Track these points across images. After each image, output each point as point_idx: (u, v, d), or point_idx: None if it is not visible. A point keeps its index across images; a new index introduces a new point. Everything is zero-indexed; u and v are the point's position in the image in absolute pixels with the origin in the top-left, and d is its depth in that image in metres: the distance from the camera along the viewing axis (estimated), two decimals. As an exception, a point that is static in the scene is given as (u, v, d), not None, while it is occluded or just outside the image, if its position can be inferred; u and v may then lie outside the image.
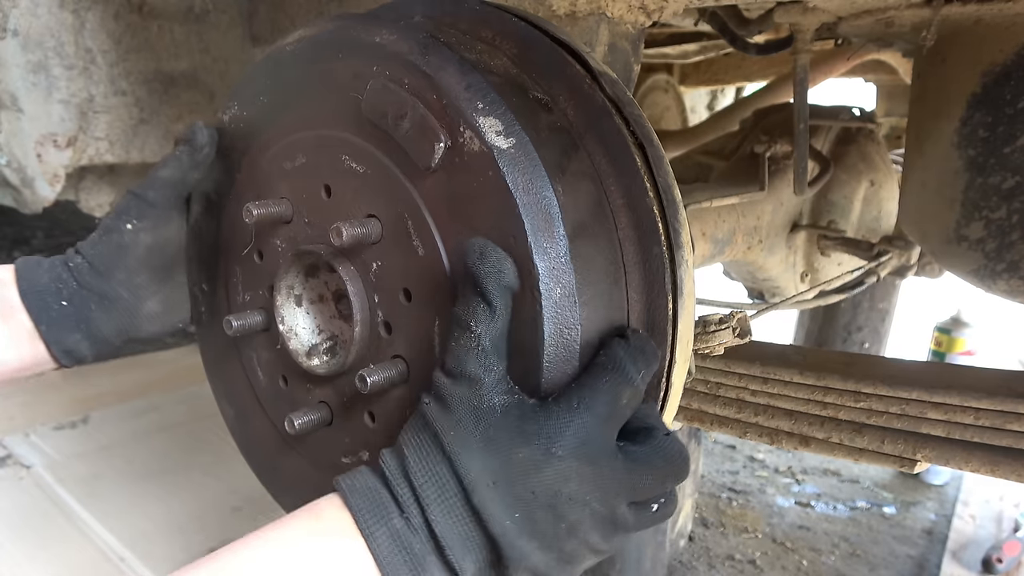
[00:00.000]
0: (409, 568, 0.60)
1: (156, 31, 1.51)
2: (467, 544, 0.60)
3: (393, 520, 0.60)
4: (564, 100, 0.73)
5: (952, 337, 2.91)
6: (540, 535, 0.61)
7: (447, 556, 0.60)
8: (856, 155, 1.87)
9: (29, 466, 2.46)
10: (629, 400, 0.65)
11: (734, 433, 1.15)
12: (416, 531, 0.60)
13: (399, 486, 0.61)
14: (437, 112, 0.68)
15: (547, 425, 0.61)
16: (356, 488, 0.62)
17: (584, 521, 0.61)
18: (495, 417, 0.62)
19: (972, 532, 2.60)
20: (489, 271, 0.63)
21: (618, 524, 0.63)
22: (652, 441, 0.66)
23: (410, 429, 0.64)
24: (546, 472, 0.60)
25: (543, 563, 0.62)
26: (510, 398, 0.63)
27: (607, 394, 0.64)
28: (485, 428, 0.61)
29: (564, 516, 0.61)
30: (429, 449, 0.62)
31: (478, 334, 0.63)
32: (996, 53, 1.03)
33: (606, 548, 0.64)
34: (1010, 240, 1.04)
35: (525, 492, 0.60)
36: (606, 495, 0.62)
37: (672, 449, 0.66)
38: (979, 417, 0.94)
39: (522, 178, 0.65)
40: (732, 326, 0.90)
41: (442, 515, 0.60)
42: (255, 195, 0.87)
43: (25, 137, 1.38)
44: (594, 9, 1.03)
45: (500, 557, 0.61)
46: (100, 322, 0.88)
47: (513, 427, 0.62)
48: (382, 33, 0.73)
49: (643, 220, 0.71)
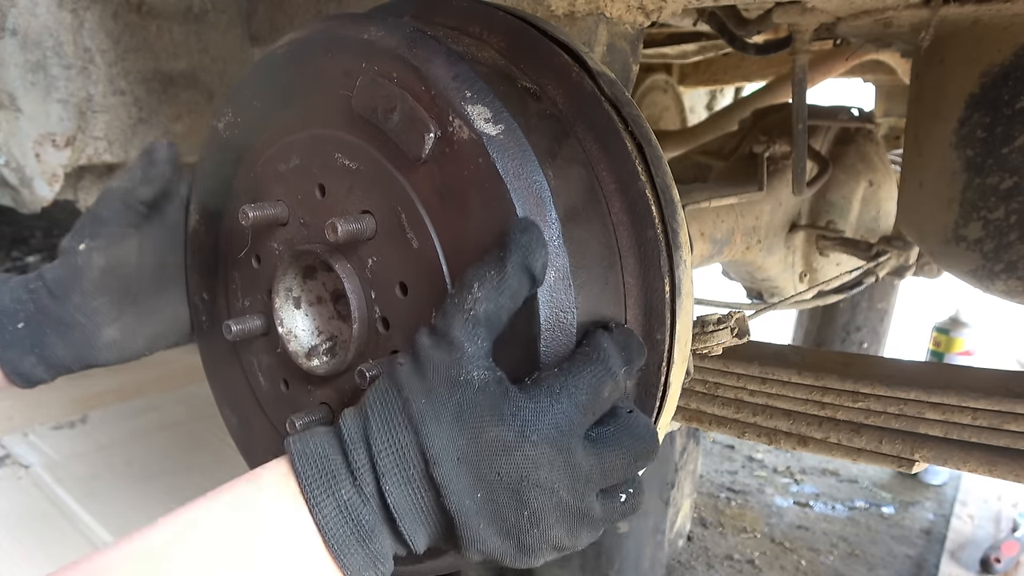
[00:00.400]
0: (356, 539, 0.57)
1: (155, 31, 1.51)
2: (421, 517, 0.59)
3: (341, 488, 0.58)
4: (553, 89, 0.74)
5: (951, 337, 2.91)
6: (500, 519, 0.59)
7: (399, 527, 0.58)
8: (855, 155, 1.87)
9: (28, 466, 2.46)
10: (610, 393, 0.63)
11: (732, 433, 1.15)
12: (367, 500, 0.58)
13: (355, 451, 0.59)
14: (426, 103, 0.68)
15: (525, 408, 0.59)
16: (306, 453, 0.59)
17: (548, 511, 0.59)
18: (471, 391, 0.59)
19: (970, 532, 2.60)
20: (520, 244, 0.61)
21: (585, 516, 0.61)
22: (617, 420, 0.64)
23: (378, 390, 0.61)
24: (516, 455, 0.58)
25: (499, 549, 0.60)
26: (490, 375, 0.60)
27: (590, 385, 0.61)
28: (459, 401, 0.58)
29: (528, 503, 0.58)
30: (394, 414, 0.59)
31: (476, 298, 0.60)
32: (994, 54, 1.03)
33: (569, 544, 0.62)
34: (1008, 240, 1.04)
35: (491, 473, 0.58)
36: (575, 484, 0.59)
37: (638, 425, 0.64)
38: (977, 417, 0.94)
39: (512, 164, 0.66)
40: (730, 326, 0.90)
41: (398, 486, 0.58)
42: (251, 199, 0.87)
43: (23, 137, 1.38)
44: (592, 9, 1.03)
45: (455, 536, 0.59)
46: (55, 347, 0.86)
47: (488, 405, 0.59)
48: (370, 30, 0.74)
49: (636, 204, 0.71)
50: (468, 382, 0.59)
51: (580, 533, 0.62)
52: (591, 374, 0.62)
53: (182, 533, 0.58)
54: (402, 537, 0.59)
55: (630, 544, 2.13)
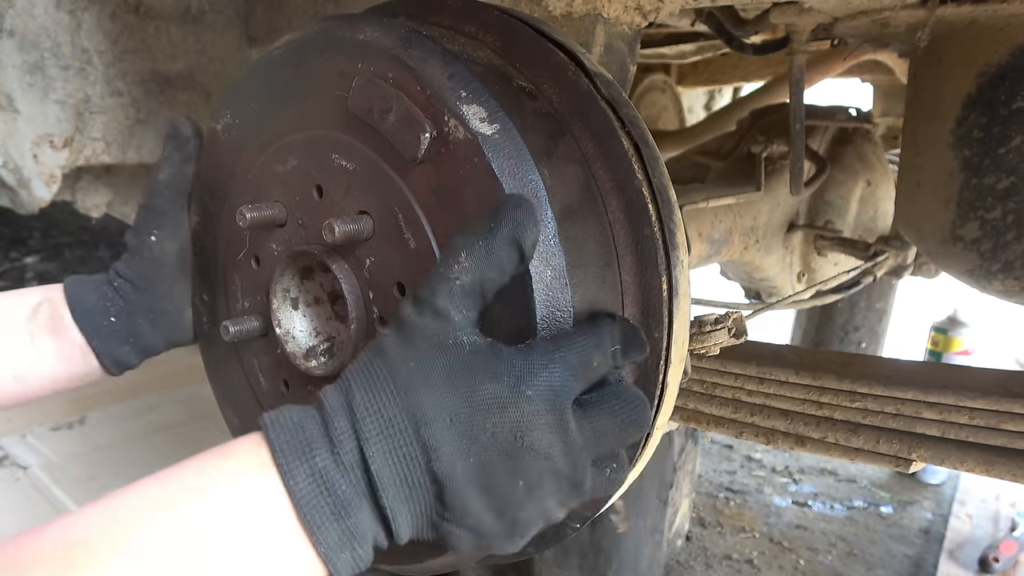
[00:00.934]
0: (331, 511, 0.53)
1: (153, 32, 1.51)
2: (406, 488, 0.54)
3: (317, 456, 0.53)
4: (549, 88, 0.75)
5: (949, 337, 2.92)
6: (493, 489, 0.55)
7: (379, 499, 0.54)
8: (853, 155, 1.87)
9: (26, 467, 2.46)
10: (599, 364, 0.62)
11: (730, 433, 1.15)
12: (346, 470, 0.53)
13: (335, 418, 0.55)
14: (421, 103, 0.68)
15: (519, 365, 0.57)
16: (279, 421, 0.56)
17: (544, 480, 0.57)
18: (462, 353, 0.56)
19: (969, 531, 2.61)
20: (511, 218, 0.59)
21: (578, 485, 0.59)
22: (606, 388, 0.63)
23: (360, 360, 0.58)
24: (511, 412, 0.55)
25: (490, 528, 0.57)
26: (480, 339, 0.58)
27: (580, 351, 0.60)
28: (449, 362, 0.56)
29: (523, 469, 0.56)
30: (380, 381, 0.55)
31: (463, 267, 0.58)
32: (991, 54, 1.03)
33: (559, 517, 0.61)
34: (1005, 240, 1.04)
35: (484, 432, 0.55)
36: (569, 450, 0.57)
37: (628, 392, 0.63)
38: (974, 417, 0.94)
39: (507, 163, 0.66)
40: (728, 326, 0.90)
41: (382, 452, 0.54)
42: (249, 201, 0.87)
43: (21, 138, 1.38)
44: (590, 10, 1.04)
45: (443, 507, 0.55)
46: (148, 334, 0.93)
47: (480, 364, 0.56)
48: (365, 30, 0.74)
49: (633, 203, 0.71)
50: (458, 345, 0.57)
51: (570, 503, 0.60)
52: (581, 343, 0.61)
53: (138, 505, 0.53)
54: (383, 513, 0.54)
55: (628, 544, 2.13)
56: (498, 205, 0.61)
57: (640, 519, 2.14)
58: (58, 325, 0.89)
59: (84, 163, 1.49)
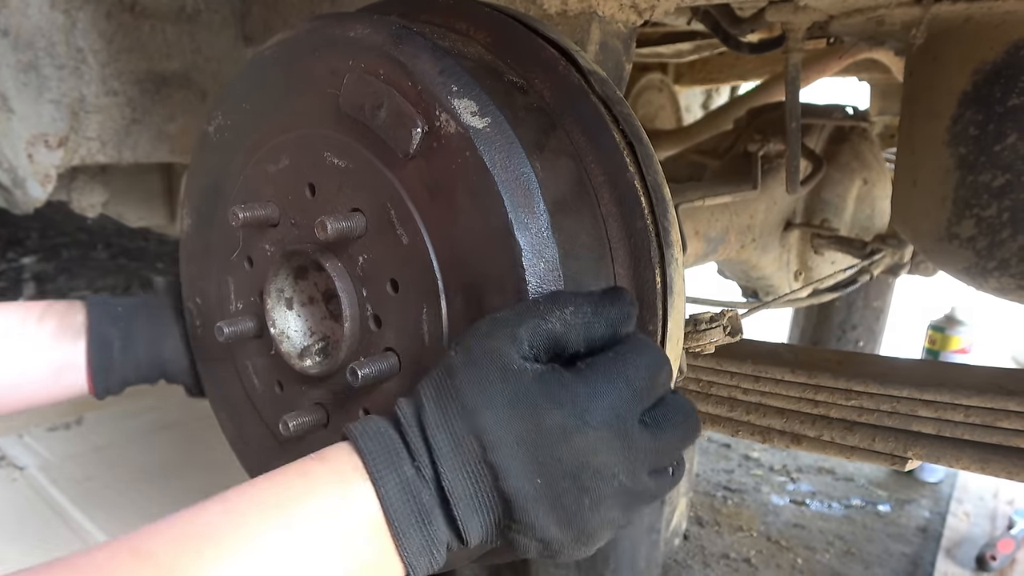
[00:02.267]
0: (416, 519, 0.56)
1: (148, 31, 1.50)
2: (476, 504, 0.57)
3: (404, 467, 0.57)
4: (540, 83, 0.75)
5: (946, 335, 2.91)
6: (560, 507, 0.57)
7: (453, 512, 0.57)
8: (849, 154, 1.87)
9: (23, 467, 2.46)
10: (665, 379, 0.63)
11: (726, 432, 1.15)
12: (426, 481, 0.57)
13: (412, 434, 0.58)
14: (412, 98, 0.68)
15: (581, 392, 0.58)
16: (367, 432, 0.59)
17: (609, 496, 0.58)
18: (525, 379, 0.58)
19: (966, 530, 2.61)
20: (621, 305, 0.63)
21: (642, 495, 0.61)
22: (666, 402, 0.64)
23: (431, 378, 0.61)
24: (576, 440, 0.57)
25: (556, 538, 0.59)
26: (543, 366, 0.59)
27: (648, 368, 0.61)
28: (514, 388, 0.57)
29: (588, 489, 0.58)
30: (449, 400, 0.58)
31: (562, 318, 0.60)
32: (986, 51, 1.03)
33: (624, 523, 0.62)
34: (1000, 238, 1.04)
35: (550, 458, 0.57)
36: (634, 467, 0.59)
37: (685, 405, 0.64)
38: (969, 415, 0.94)
39: (499, 156, 0.66)
40: (723, 325, 0.90)
41: (452, 467, 0.57)
42: (242, 201, 0.87)
43: (16, 137, 1.38)
44: (585, 8, 1.04)
45: (512, 522, 0.58)
46: (146, 373, 1.01)
47: (543, 391, 0.58)
48: (356, 28, 0.74)
49: (625, 196, 0.71)
50: (522, 371, 0.58)
51: (635, 511, 0.62)
52: (647, 359, 0.62)
53: (234, 506, 0.57)
54: (455, 524, 0.57)
55: (626, 543, 2.13)
56: (617, 292, 0.64)
57: (636, 518, 2.14)
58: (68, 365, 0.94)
59: (79, 163, 1.49)
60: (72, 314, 0.94)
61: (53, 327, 0.92)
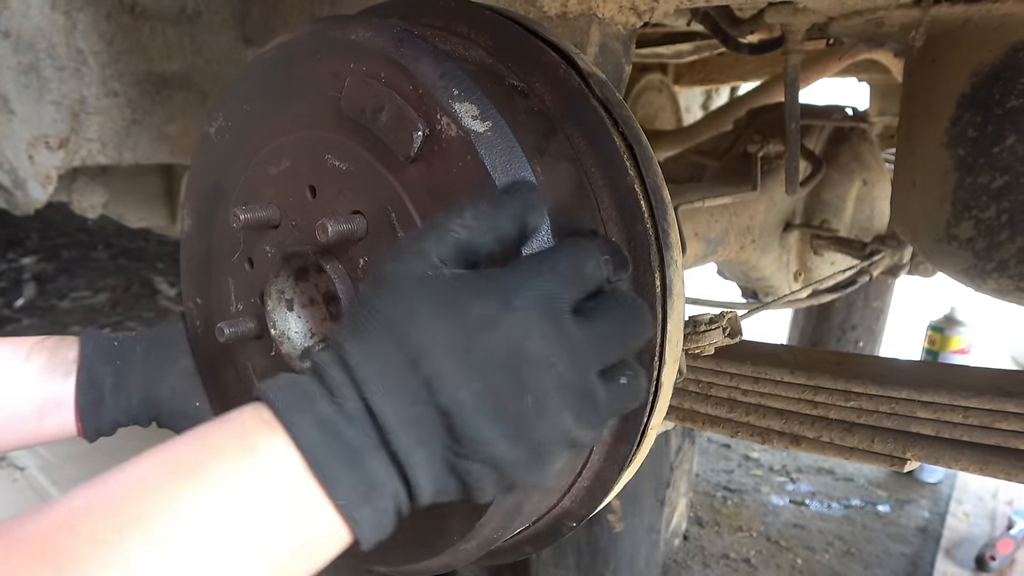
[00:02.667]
0: (342, 461, 0.50)
1: (148, 32, 1.51)
2: (414, 427, 0.52)
3: (320, 406, 0.51)
4: (541, 87, 0.75)
5: (946, 335, 2.92)
6: (503, 412, 0.53)
7: (390, 443, 0.51)
8: (849, 154, 1.88)
9: (23, 468, 2.46)
10: (593, 272, 0.60)
11: (726, 432, 1.15)
12: (350, 416, 0.51)
13: (329, 371, 0.53)
14: (413, 102, 0.68)
15: (506, 281, 0.56)
16: (276, 384, 0.54)
17: (551, 391, 0.54)
18: (444, 279, 0.55)
19: (966, 530, 2.61)
20: (523, 196, 0.60)
21: (590, 396, 0.56)
22: (603, 295, 0.62)
23: (344, 314, 0.57)
24: (503, 326, 0.53)
25: (510, 456, 0.53)
26: (463, 270, 0.57)
27: (571, 259, 0.59)
28: (433, 290, 0.54)
29: (528, 384, 0.53)
30: (365, 326, 0.54)
31: (464, 223, 0.57)
32: (985, 53, 1.03)
33: (580, 435, 0.57)
34: (999, 239, 1.05)
35: (482, 353, 0.53)
36: (572, 357, 0.55)
37: (626, 297, 0.62)
38: (968, 416, 0.94)
39: (500, 160, 0.66)
40: (722, 326, 0.90)
41: (382, 393, 0.51)
42: (243, 203, 0.87)
43: (16, 139, 1.38)
44: (585, 10, 1.04)
45: (458, 441, 0.52)
46: (137, 415, 0.94)
47: (466, 287, 0.55)
48: (357, 31, 0.74)
49: (625, 200, 0.72)
50: (439, 276, 0.55)
51: (588, 419, 0.57)
52: (570, 252, 0.60)
53: (144, 477, 0.51)
54: (397, 460, 0.51)
55: (625, 544, 2.13)
56: (511, 184, 0.62)
57: (637, 518, 2.15)
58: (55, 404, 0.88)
59: (80, 164, 1.49)
60: (63, 349, 0.89)
61: (42, 363, 0.87)
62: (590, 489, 0.81)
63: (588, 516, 0.83)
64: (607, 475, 0.79)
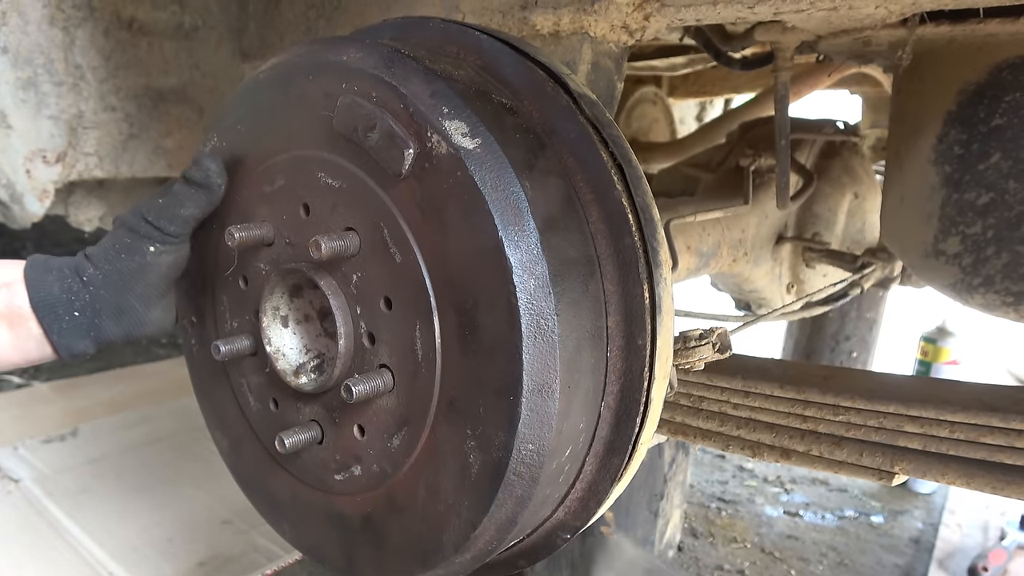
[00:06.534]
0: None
1: (146, 47, 1.52)
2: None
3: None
4: (529, 104, 0.77)
5: (938, 347, 2.93)
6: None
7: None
8: (840, 168, 1.89)
9: (18, 479, 2.45)
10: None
11: (717, 446, 1.16)
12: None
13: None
14: (404, 120, 0.70)
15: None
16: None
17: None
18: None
19: (959, 541, 2.62)
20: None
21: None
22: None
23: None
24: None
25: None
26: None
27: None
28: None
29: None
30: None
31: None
32: (970, 72, 1.05)
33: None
34: (985, 255, 1.06)
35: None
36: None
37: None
38: (955, 430, 0.95)
39: (489, 176, 0.67)
40: (712, 342, 0.91)
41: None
42: (237, 221, 0.88)
43: (14, 153, 1.39)
44: (577, 29, 1.05)
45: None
46: (109, 329, 0.92)
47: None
48: (349, 52, 0.76)
49: (613, 213, 0.73)
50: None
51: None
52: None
53: None
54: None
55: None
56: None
57: (630, 531, 2.15)
58: (15, 316, 0.89)
59: (77, 178, 1.50)
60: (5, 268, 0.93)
61: None
62: (583, 500, 0.82)
63: (582, 528, 0.83)
64: (600, 486, 0.80)
